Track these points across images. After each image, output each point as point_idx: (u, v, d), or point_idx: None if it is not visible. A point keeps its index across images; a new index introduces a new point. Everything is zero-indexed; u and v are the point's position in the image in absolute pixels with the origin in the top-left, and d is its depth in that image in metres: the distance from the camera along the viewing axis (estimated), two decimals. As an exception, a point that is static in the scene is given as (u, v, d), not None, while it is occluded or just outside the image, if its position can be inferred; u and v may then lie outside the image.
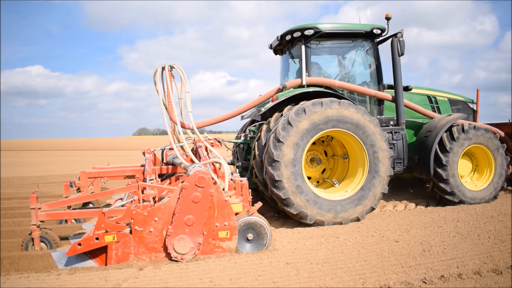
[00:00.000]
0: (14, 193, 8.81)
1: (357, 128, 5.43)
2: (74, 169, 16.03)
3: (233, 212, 3.91)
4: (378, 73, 6.51)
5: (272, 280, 3.20)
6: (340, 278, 3.22)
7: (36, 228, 4.01)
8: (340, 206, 5.32)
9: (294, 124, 5.18)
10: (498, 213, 5.67)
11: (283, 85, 6.03)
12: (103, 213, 3.73)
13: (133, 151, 32.73)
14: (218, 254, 3.85)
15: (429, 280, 3.12)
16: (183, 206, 3.73)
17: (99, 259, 3.74)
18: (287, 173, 5.10)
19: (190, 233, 3.74)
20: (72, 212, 4.51)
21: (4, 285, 3.19)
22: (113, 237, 3.65)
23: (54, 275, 3.37)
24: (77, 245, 3.61)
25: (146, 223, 3.73)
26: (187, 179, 3.78)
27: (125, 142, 62.22)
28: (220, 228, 3.86)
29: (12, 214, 6.13)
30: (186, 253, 3.73)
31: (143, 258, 3.74)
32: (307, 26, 6.06)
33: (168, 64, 5.41)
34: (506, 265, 3.40)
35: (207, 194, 3.77)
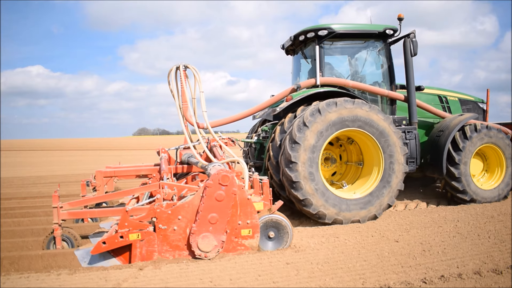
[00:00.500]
0: (14, 193, 8.81)
1: (381, 135, 5.50)
2: (74, 169, 16.04)
3: (255, 210, 3.95)
4: (391, 73, 6.58)
5: (272, 280, 3.20)
6: (340, 278, 3.22)
7: (58, 227, 4.02)
8: (347, 205, 5.35)
9: (320, 117, 5.24)
10: (498, 213, 5.67)
11: (297, 85, 6.11)
12: (126, 211, 3.75)
13: (133, 151, 32.73)
14: (241, 252, 3.89)
15: (429, 280, 3.12)
16: (207, 204, 3.76)
17: (123, 257, 3.77)
18: (304, 172, 5.14)
19: (214, 231, 3.78)
20: (94, 211, 4.50)
21: (4, 285, 3.19)
22: (138, 235, 3.69)
23: (54, 275, 3.37)
24: (101, 243, 3.63)
25: (170, 221, 3.77)
26: (211, 178, 3.80)
27: (125, 142, 62.22)
28: (243, 226, 3.90)
29: (12, 214, 6.13)
30: (210, 251, 3.76)
31: (167, 256, 3.78)
32: (321, 27, 6.12)
33: (183, 64, 5.49)
34: (506, 265, 3.40)
35: (231, 193, 3.81)
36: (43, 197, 8.05)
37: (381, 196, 5.51)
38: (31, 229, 4.95)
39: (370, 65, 6.73)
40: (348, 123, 5.38)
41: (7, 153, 32.07)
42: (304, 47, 6.76)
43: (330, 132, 5.33)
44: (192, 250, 3.76)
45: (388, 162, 5.55)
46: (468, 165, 6.30)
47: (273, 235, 4.08)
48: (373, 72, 6.72)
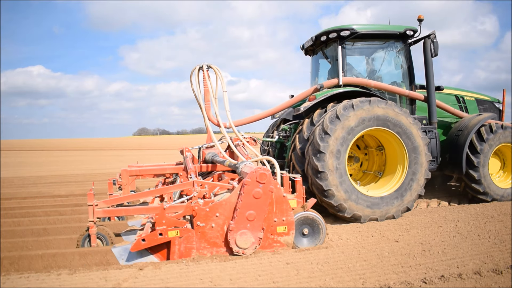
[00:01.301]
0: (14, 193, 8.80)
1: (406, 134, 5.60)
2: (74, 169, 16.03)
3: (290, 207, 4.01)
4: (410, 73, 6.66)
5: (272, 280, 3.20)
6: (340, 278, 3.22)
7: (93, 225, 4.05)
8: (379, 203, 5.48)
9: (347, 114, 5.34)
10: (498, 213, 5.67)
11: (321, 85, 6.19)
12: (164, 209, 3.81)
13: (134, 151, 32.73)
14: (276, 248, 3.96)
15: (429, 280, 3.12)
16: (245, 201, 3.82)
17: (160, 255, 3.83)
18: (331, 164, 5.23)
19: (251, 228, 3.84)
20: (128, 209, 4.52)
21: (4, 285, 3.19)
22: (176, 232, 3.75)
23: (54, 275, 3.37)
24: (141, 240, 3.68)
25: (208, 219, 3.84)
26: (249, 175, 3.86)
27: (125, 142, 62.22)
28: (279, 223, 3.96)
29: (12, 214, 6.13)
30: (247, 248, 3.83)
31: (204, 253, 3.84)
32: (343, 27, 6.21)
33: (206, 64, 5.56)
34: (506, 265, 3.40)
35: (268, 190, 3.86)
36: (43, 197, 8.06)
37: (405, 194, 5.62)
38: (31, 229, 4.95)
39: (389, 65, 6.84)
40: (379, 122, 5.49)
41: (7, 153, 32.07)
42: (325, 47, 6.87)
43: (354, 134, 5.42)
44: (230, 247, 3.83)
45: (413, 158, 5.62)
46: (487, 164, 6.39)
47: (307, 232, 4.16)
48: (392, 72, 6.83)
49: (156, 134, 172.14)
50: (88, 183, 10.83)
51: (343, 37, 6.20)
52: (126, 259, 3.76)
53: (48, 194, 8.53)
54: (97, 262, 3.76)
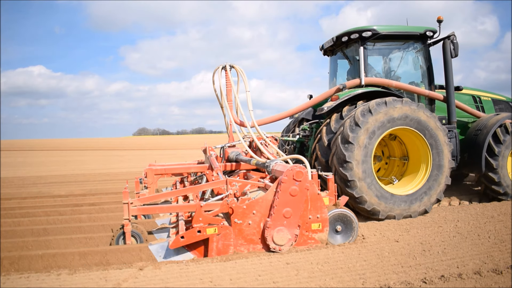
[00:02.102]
0: (14, 193, 8.80)
1: (430, 133, 5.70)
2: (74, 169, 16.03)
3: (325, 205, 4.09)
4: (430, 73, 6.74)
5: (272, 280, 3.20)
6: (340, 278, 3.22)
7: (128, 223, 4.08)
8: (399, 200, 5.56)
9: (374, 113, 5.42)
10: (498, 213, 5.67)
11: (343, 85, 6.24)
12: (201, 206, 3.89)
13: (134, 151, 32.73)
14: (311, 245, 4.04)
15: (429, 280, 3.12)
16: (281, 199, 3.89)
17: (197, 251, 3.88)
18: (358, 155, 5.33)
19: (288, 225, 3.91)
20: (163, 207, 4.53)
21: (4, 285, 3.20)
22: (215, 229, 3.81)
23: (54, 275, 3.37)
24: (180, 237, 3.74)
25: (245, 216, 3.90)
26: (285, 173, 3.92)
27: (126, 142, 62.23)
28: (313, 220, 4.04)
29: (12, 214, 6.13)
30: (284, 244, 3.90)
31: (241, 250, 3.90)
32: (365, 28, 6.30)
33: (229, 64, 5.62)
34: (506, 265, 3.40)
35: (304, 188, 3.95)
36: (43, 197, 8.06)
37: (430, 191, 5.70)
38: (31, 229, 4.95)
39: (408, 66, 6.93)
40: (408, 122, 5.61)
41: (7, 153, 32.08)
42: (346, 48, 6.94)
43: (383, 130, 5.52)
44: (266, 243, 3.90)
45: (437, 157, 5.74)
46: (506, 164, 6.44)
47: (340, 229, 4.24)
48: (411, 72, 6.92)
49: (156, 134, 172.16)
50: (88, 183, 10.84)
51: (364, 37, 6.30)
52: (164, 256, 3.82)
53: (48, 194, 8.53)
54: (97, 262, 3.75)
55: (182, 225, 4.14)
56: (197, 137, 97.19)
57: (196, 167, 5.95)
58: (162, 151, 31.51)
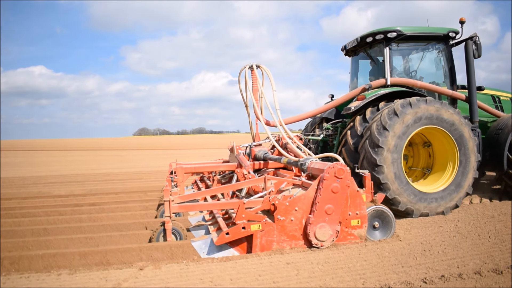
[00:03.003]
0: (14, 193, 8.80)
1: (457, 132, 5.81)
2: (74, 169, 16.04)
3: (364, 201, 4.18)
4: (452, 74, 6.85)
5: (273, 280, 3.20)
6: (340, 278, 3.22)
7: (169, 220, 4.15)
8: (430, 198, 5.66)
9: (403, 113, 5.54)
10: (499, 212, 5.67)
11: (369, 85, 6.35)
12: (243, 203, 4.00)
13: (134, 151, 32.74)
14: (350, 241, 4.13)
15: (430, 280, 3.12)
16: (323, 196, 3.99)
17: (240, 248, 3.98)
18: (388, 158, 5.43)
19: (330, 221, 4.01)
20: (203, 204, 4.66)
21: (4, 285, 3.20)
22: (259, 226, 3.91)
23: (54, 275, 3.37)
24: (225, 234, 3.85)
25: (288, 213, 3.99)
26: (327, 171, 4.03)
27: (126, 142, 62.23)
28: (352, 217, 4.13)
29: (12, 214, 6.13)
30: (326, 240, 4.00)
31: (284, 246, 3.99)
32: (390, 29, 6.40)
33: (255, 63, 5.71)
34: (507, 265, 3.40)
35: (345, 185, 4.05)
36: (43, 197, 8.06)
37: (459, 187, 5.83)
38: (31, 229, 4.95)
39: (430, 66, 7.03)
40: (434, 121, 5.71)
41: (7, 153, 32.09)
42: (369, 48, 7.05)
43: (411, 131, 5.60)
44: (309, 239, 3.99)
45: (463, 153, 5.85)
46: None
47: (377, 225, 4.36)
48: (433, 72, 7.02)
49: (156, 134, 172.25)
50: (89, 183, 10.84)
51: (389, 38, 6.40)
52: (207, 252, 3.93)
53: (48, 194, 8.53)
54: (97, 262, 3.76)
55: (223, 222, 4.28)
56: (198, 137, 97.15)
57: (224, 166, 6.09)
58: (163, 151, 31.51)
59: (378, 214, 4.37)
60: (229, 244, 3.95)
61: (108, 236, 4.45)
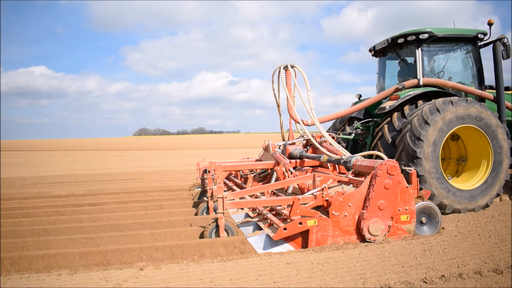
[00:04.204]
0: (14, 193, 8.80)
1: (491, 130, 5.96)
2: (75, 170, 16.04)
3: (412, 197, 4.31)
4: (480, 74, 6.99)
5: (273, 280, 3.20)
6: (340, 278, 3.21)
7: (222, 216, 4.27)
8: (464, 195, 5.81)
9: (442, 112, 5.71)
10: (499, 212, 5.67)
11: (402, 85, 6.50)
12: (298, 199, 4.10)
13: (134, 151, 32.74)
14: (400, 235, 4.28)
15: (430, 280, 3.12)
16: (376, 192, 4.13)
17: (294, 243, 4.10)
18: (428, 152, 5.58)
19: (382, 217, 4.15)
20: (255, 201, 4.81)
21: (4, 285, 3.20)
22: (314, 221, 4.04)
23: (54, 275, 3.37)
24: (283, 229, 3.97)
25: (342, 208, 4.14)
26: (380, 168, 4.18)
27: (125, 142, 62.23)
28: (402, 212, 4.28)
29: (12, 214, 6.13)
30: (378, 235, 4.14)
31: (338, 241, 4.14)
32: (422, 31, 6.56)
33: (289, 64, 5.84)
34: (507, 265, 3.40)
35: (396, 181, 4.20)
36: (43, 197, 8.06)
37: (491, 186, 5.97)
38: (31, 229, 4.95)
39: (458, 67, 7.16)
40: (472, 120, 5.88)
41: (7, 153, 32.09)
42: (399, 49, 7.21)
43: (450, 128, 5.77)
44: (362, 234, 4.13)
45: (497, 154, 6.00)
46: None
47: (424, 221, 4.50)
48: (461, 73, 7.15)
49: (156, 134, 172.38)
50: (89, 183, 10.84)
51: (421, 39, 6.55)
52: (263, 247, 4.07)
53: (48, 194, 8.53)
54: (98, 262, 3.76)
55: (275, 218, 4.44)
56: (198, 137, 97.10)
57: (262, 164, 6.24)
58: (163, 151, 31.51)
59: (426, 210, 4.50)
60: (284, 239, 4.07)
61: (108, 236, 4.45)
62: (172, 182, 10.74)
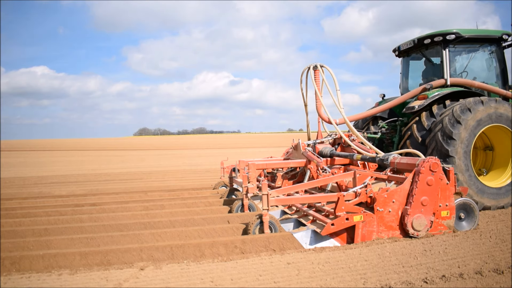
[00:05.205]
0: (15, 193, 8.81)
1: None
2: (75, 170, 16.05)
3: (452, 194, 4.42)
4: (504, 74, 7.13)
5: (273, 280, 3.20)
6: (341, 278, 3.21)
7: (267, 213, 4.35)
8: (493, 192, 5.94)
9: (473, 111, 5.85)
10: (500, 212, 5.68)
11: (430, 85, 6.61)
12: (343, 196, 4.22)
13: (134, 151, 32.76)
14: (441, 231, 4.39)
15: (430, 280, 3.12)
16: (420, 188, 4.25)
17: (340, 238, 4.24)
18: (460, 151, 5.73)
19: (425, 212, 4.28)
20: (298, 198, 4.88)
21: (5, 285, 3.20)
22: (360, 217, 4.17)
23: (55, 275, 3.38)
24: (330, 225, 4.11)
25: (386, 204, 4.27)
26: (423, 165, 4.30)
27: (126, 142, 62.25)
28: (442, 208, 4.39)
29: (13, 214, 6.13)
30: (421, 230, 4.26)
31: (382, 236, 4.27)
32: (448, 32, 6.73)
33: (319, 64, 5.94)
34: (507, 265, 3.39)
35: (438, 178, 4.32)
36: (44, 197, 8.07)
37: None
38: (32, 229, 4.95)
39: (482, 67, 7.28)
40: (502, 120, 6.02)
41: (8, 153, 32.12)
42: (425, 50, 7.36)
43: (481, 127, 5.89)
44: (405, 229, 4.26)
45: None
46: None
47: (463, 216, 4.63)
48: (485, 73, 7.26)
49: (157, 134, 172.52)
50: (89, 183, 10.85)
51: (448, 40, 6.70)
52: (309, 243, 4.17)
53: (49, 194, 8.54)
54: (98, 262, 3.76)
55: (318, 215, 4.59)
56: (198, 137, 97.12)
57: (294, 163, 6.34)
58: (164, 151, 31.52)
59: (465, 206, 4.62)
60: (329, 235, 4.18)
61: (109, 236, 4.45)
62: (172, 182, 10.75)
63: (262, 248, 4.02)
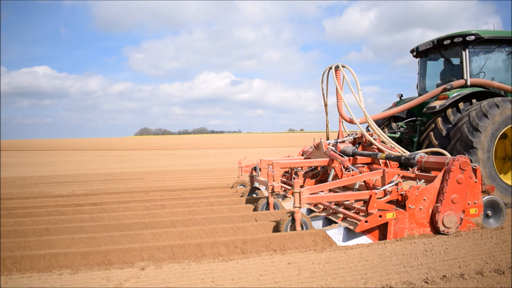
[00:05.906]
0: (16, 193, 8.83)
1: None
2: (75, 169, 16.06)
3: (481, 192, 4.52)
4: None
5: (274, 280, 3.20)
6: (342, 278, 3.21)
7: (299, 210, 4.42)
8: None
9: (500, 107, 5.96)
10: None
11: (450, 86, 6.70)
12: (375, 193, 4.32)
13: (135, 151, 32.77)
14: (469, 228, 4.49)
15: (431, 280, 3.11)
16: (450, 186, 4.35)
17: (372, 235, 4.31)
18: (484, 144, 5.81)
19: (455, 210, 4.38)
20: (329, 196, 4.98)
21: (6, 285, 3.20)
22: (393, 214, 4.26)
23: (56, 275, 3.38)
24: (364, 222, 4.19)
25: (417, 202, 4.36)
26: (453, 163, 4.40)
27: (127, 142, 62.27)
28: (471, 206, 4.48)
29: (13, 214, 6.14)
30: (451, 227, 4.35)
31: (413, 233, 4.35)
32: (468, 33, 6.83)
33: (340, 64, 6.03)
34: (508, 265, 3.39)
35: (468, 176, 4.41)
36: (45, 197, 8.07)
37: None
38: (33, 229, 4.96)
39: (500, 67, 7.37)
40: None
41: (9, 153, 32.16)
42: (444, 50, 7.50)
43: (506, 124, 5.96)
44: (436, 226, 4.35)
45: None
46: None
47: (490, 214, 4.72)
48: (502, 73, 7.34)
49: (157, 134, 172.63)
50: (90, 183, 10.86)
51: (468, 41, 6.79)
52: (342, 239, 4.28)
53: (50, 194, 8.55)
54: (99, 262, 3.76)
55: (349, 212, 4.68)
56: (199, 137, 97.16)
57: (317, 162, 6.41)
58: (164, 151, 31.53)
59: (492, 204, 4.70)
60: (361, 232, 4.25)
61: (109, 236, 4.46)
62: (173, 182, 10.76)
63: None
